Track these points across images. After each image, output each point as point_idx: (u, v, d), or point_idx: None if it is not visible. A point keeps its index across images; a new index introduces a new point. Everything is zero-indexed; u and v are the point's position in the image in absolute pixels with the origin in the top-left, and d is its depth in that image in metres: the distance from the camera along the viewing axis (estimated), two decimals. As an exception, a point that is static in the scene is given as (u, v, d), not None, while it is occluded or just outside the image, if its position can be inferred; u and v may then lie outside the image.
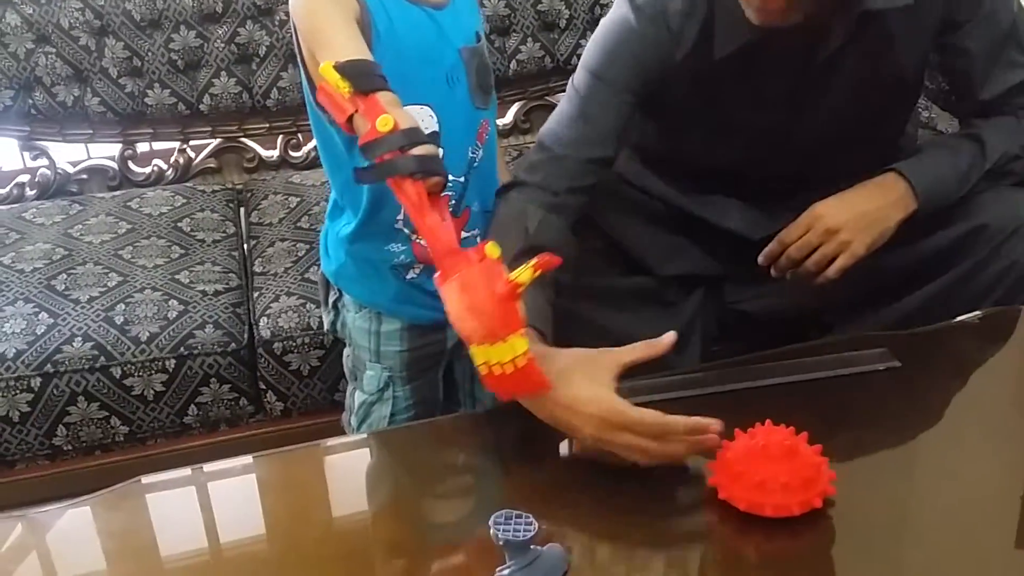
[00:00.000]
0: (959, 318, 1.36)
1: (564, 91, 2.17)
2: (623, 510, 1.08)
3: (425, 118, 1.23)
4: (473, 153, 1.30)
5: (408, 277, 1.32)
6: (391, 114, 1.01)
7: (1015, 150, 1.43)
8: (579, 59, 2.06)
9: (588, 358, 1.14)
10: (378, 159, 1.00)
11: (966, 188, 1.41)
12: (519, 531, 0.94)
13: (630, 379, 1.23)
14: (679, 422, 1.06)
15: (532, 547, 0.94)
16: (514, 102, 2.14)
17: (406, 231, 1.29)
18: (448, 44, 1.25)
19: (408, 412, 1.41)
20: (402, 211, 1.26)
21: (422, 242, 1.28)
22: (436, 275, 1.04)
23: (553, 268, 1.03)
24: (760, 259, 1.42)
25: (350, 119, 1.03)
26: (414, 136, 1.02)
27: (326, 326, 1.45)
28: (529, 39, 2.07)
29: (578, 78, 1.39)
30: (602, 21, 1.39)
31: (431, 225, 1.02)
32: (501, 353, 1.02)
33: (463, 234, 1.30)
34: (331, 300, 1.41)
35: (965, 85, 1.47)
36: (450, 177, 1.23)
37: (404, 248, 1.30)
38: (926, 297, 1.43)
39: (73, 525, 1.15)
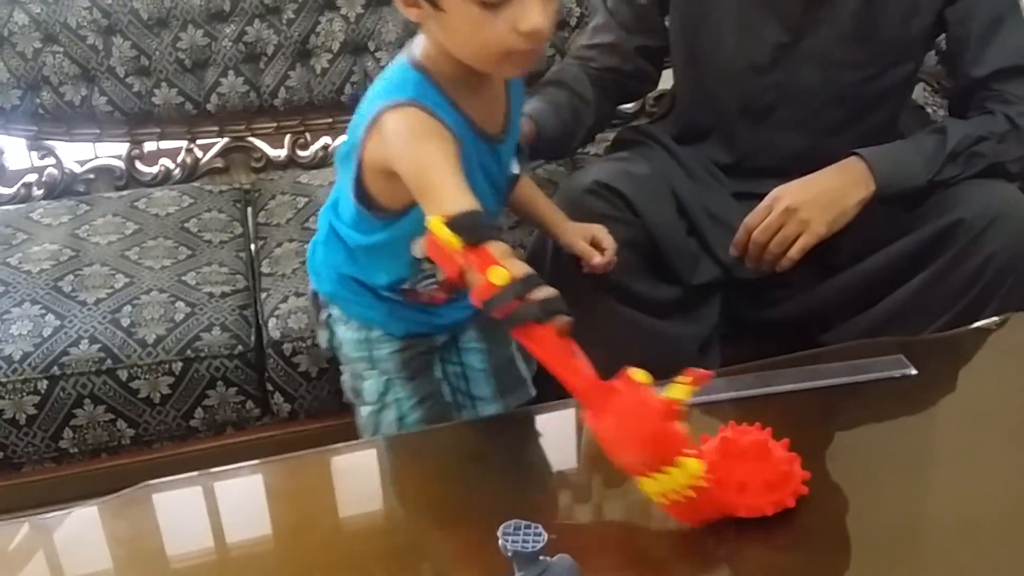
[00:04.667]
0: (976, 324, 1.35)
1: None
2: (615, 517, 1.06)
3: None
4: None
5: (396, 305, 1.33)
6: (504, 265, 1.00)
7: (980, 132, 1.45)
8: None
9: None
10: (502, 312, 0.99)
11: (932, 171, 1.44)
12: (528, 542, 0.93)
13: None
14: None
15: (541, 558, 0.93)
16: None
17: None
18: (503, 173, 1.28)
19: (415, 412, 1.39)
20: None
21: (417, 288, 1.31)
22: (585, 413, 1.01)
23: (707, 381, 0.99)
24: (731, 250, 1.45)
25: (461, 272, 1.02)
26: (531, 282, 1.00)
27: (322, 344, 1.44)
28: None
29: None
30: None
31: (569, 367, 1.00)
32: (674, 480, 0.98)
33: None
34: (323, 318, 1.41)
35: (958, 60, 1.52)
36: None
37: (398, 298, 1.32)
38: (909, 294, 1.46)
39: (79, 529, 1.15)
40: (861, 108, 1.55)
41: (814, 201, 1.39)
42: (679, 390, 0.97)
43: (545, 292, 1.00)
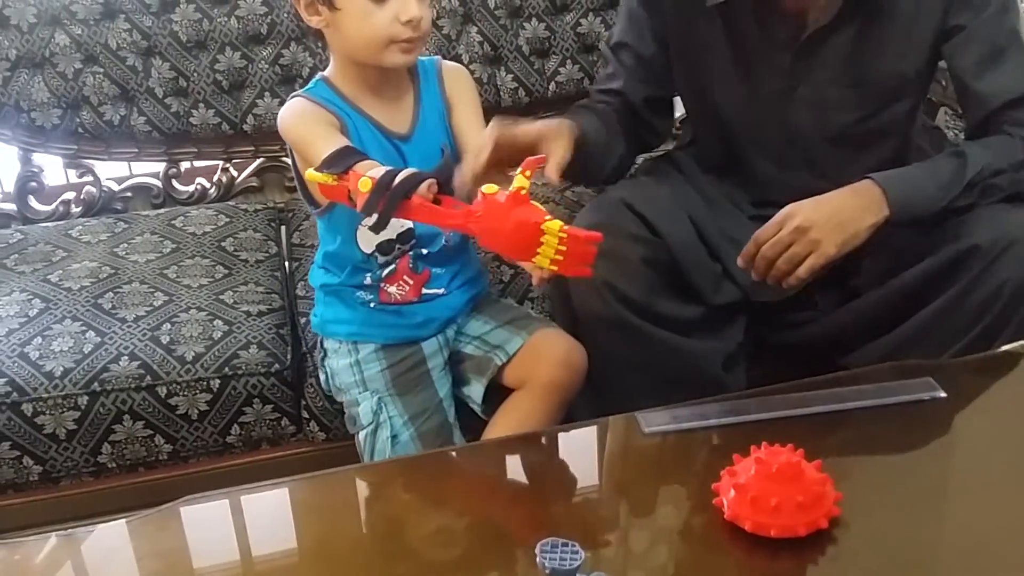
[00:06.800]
0: (1004, 347, 1.36)
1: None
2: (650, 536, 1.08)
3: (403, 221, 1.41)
4: (447, 241, 1.48)
5: (371, 306, 1.49)
6: (366, 176, 1.19)
7: (999, 164, 1.44)
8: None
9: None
10: (380, 207, 1.18)
11: (947, 199, 1.43)
12: (565, 560, 0.94)
13: (671, 407, 1.24)
14: None
15: (579, 576, 0.95)
16: (553, 123, 2.15)
17: (369, 280, 1.48)
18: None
19: (407, 429, 1.46)
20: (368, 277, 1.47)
21: (389, 289, 1.48)
22: (477, 240, 1.21)
23: (539, 165, 1.20)
24: (739, 261, 1.45)
25: (350, 198, 1.21)
26: (390, 176, 1.18)
27: (323, 384, 1.57)
28: (568, 61, 2.07)
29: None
30: None
31: (444, 217, 1.19)
32: (549, 246, 1.13)
33: (425, 291, 1.49)
34: (320, 359, 1.56)
35: (965, 94, 1.52)
36: (424, 251, 1.47)
37: (371, 297, 1.49)
38: (926, 319, 1.46)
39: (111, 544, 1.16)
40: (861, 146, 1.56)
41: (826, 222, 1.39)
42: (518, 180, 1.15)
43: (402, 175, 1.18)
